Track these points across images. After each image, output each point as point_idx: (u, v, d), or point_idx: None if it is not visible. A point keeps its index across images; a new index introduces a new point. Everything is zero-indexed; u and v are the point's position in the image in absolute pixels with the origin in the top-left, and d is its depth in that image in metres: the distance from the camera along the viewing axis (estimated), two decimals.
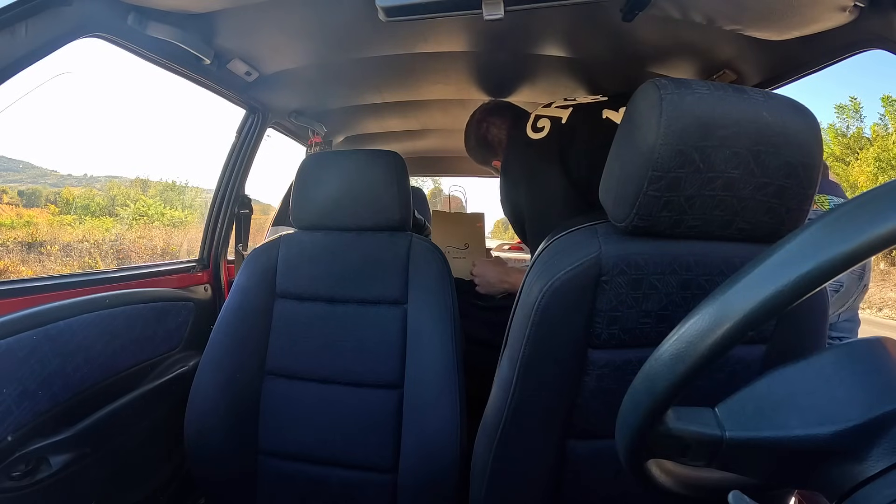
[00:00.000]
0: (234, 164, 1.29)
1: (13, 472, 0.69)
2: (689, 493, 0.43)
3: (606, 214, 0.60)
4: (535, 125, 1.00)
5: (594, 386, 0.59)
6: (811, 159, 0.53)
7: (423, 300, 0.88)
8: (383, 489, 0.86)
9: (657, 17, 0.86)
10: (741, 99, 0.51)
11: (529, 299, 0.58)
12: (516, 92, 1.38)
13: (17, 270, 7.32)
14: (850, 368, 0.32)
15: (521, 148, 1.00)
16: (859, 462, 0.30)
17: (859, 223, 0.25)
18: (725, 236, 0.56)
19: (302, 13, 0.92)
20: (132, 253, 9.03)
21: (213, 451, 0.87)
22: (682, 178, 0.51)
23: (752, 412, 0.34)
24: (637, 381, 0.34)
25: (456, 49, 1.10)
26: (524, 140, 0.99)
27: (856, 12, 0.71)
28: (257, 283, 0.93)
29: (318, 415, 0.89)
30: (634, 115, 0.55)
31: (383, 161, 0.93)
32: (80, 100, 16.32)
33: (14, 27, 0.63)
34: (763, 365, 0.60)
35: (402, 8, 0.65)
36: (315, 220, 0.95)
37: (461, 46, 1.09)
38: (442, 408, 0.83)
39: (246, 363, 0.90)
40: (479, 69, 1.24)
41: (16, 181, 10.66)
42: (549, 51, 1.10)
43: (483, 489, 0.66)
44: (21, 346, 0.70)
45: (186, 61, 0.97)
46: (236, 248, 1.36)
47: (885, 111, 11.19)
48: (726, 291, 0.29)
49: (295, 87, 1.29)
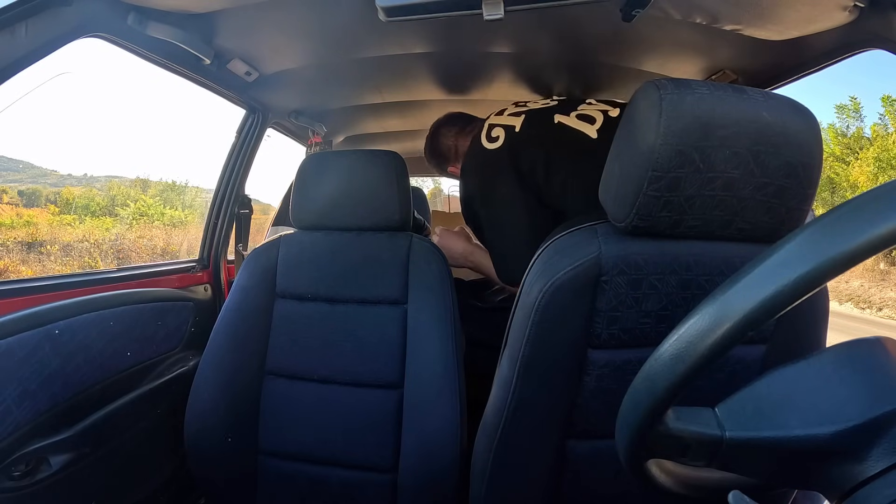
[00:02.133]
0: (234, 164, 1.29)
1: (13, 472, 0.69)
2: (689, 493, 0.43)
3: (605, 214, 0.60)
4: (490, 135, 1.01)
5: (594, 386, 0.59)
6: (811, 159, 0.53)
7: (423, 300, 0.88)
8: (383, 489, 0.86)
9: (657, 17, 0.86)
10: (741, 99, 0.51)
11: (529, 299, 0.58)
12: (516, 92, 1.38)
13: (17, 270, 7.32)
14: (850, 368, 0.32)
15: (478, 158, 1.02)
16: (859, 462, 0.30)
17: (859, 223, 0.25)
18: (725, 236, 0.56)
19: (302, 13, 0.92)
20: (132, 253, 9.03)
21: (213, 451, 0.87)
22: (682, 178, 0.51)
23: (752, 412, 0.34)
24: (637, 381, 0.34)
25: (456, 49, 1.10)
26: (480, 150, 1.01)
27: (856, 12, 0.71)
28: (257, 283, 0.93)
29: (318, 415, 0.89)
30: (634, 115, 0.55)
31: (383, 161, 0.93)
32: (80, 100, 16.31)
33: (14, 27, 0.63)
34: (763, 365, 0.60)
35: (402, 8, 0.65)
36: (315, 220, 0.95)
37: (461, 46, 1.09)
38: (442, 407, 0.83)
39: (246, 363, 0.90)
40: (480, 69, 1.24)
41: (16, 181, 10.65)
42: (548, 51, 1.11)
43: (483, 489, 0.66)
44: (21, 346, 0.70)
45: (186, 61, 0.97)
46: (236, 248, 1.36)
47: (885, 111, 11.19)
48: (726, 291, 0.29)
49: (295, 87, 1.29)
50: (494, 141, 0.99)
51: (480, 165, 1.01)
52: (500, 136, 0.99)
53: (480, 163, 1.01)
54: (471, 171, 1.04)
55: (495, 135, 1.00)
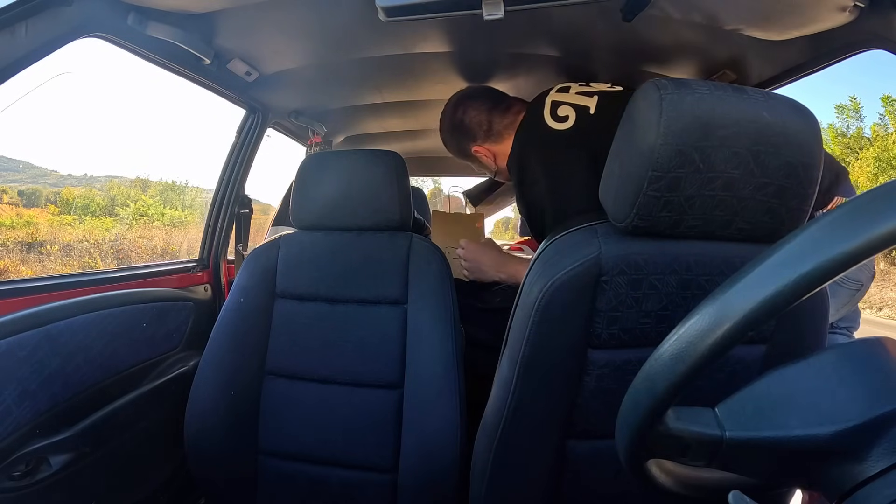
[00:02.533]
0: (234, 164, 1.29)
1: (13, 472, 0.69)
2: (689, 493, 0.43)
3: (606, 214, 0.60)
4: (556, 113, 0.91)
5: (594, 386, 0.59)
6: (811, 159, 0.53)
7: (423, 300, 0.88)
8: (383, 489, 0.86)
9: (657, 17, 0.86)
10: (741, 99, 0.51)
11: (529, 299, 0.58)
12: (515, 92, 1.38)
13: (17, 270, 7.32)
14: (850, 368, 0.32)
15: (541, 139, 0.91)
16: (859, 462, 0.30)
17: (859, 223, 0.25)
18: (725, 236, 0.56)
19: (302, 13, 0.92)
20: (132, 253, 9.03)
21: (213, 451, 0.87)
22: (682, 178, 0.51)
23: (752, 412, 0.34)
24: (637, 381, 0.34)
25: (456, 49, 1.10)
26: (544, 130, 0.91)
27: (856, 12, 0.71)
28: (257, 283, 0.93)
29: (318, 415, 0.89)
30: (634, 115, 0.55)
31: (383, 161, 0.93)
32: (80, 100, 16.32)
33: (14, 27, 0.63)
34: (763, 365, 0.60)
35: (402, 8, 0.65)
36: (315, 220, 0.95)
37: (461, 46, 1.09)
38: (442, 408, 0.83)
39: (246, 363, 0.90)
40: (479, 69, 1.23)
41: (16, 181, 10.65)
42: (548, 51, 1.10)
43: (483, 489, 0.66)
44: (21, 346, 0.70)
45: (186, 61, 0.97)
46: (236, 248, 1.36)
47: (885, 111, 11.19)
48: (726, 291, 0.29)
49: (295, 87, 1.29)
50: (563, 121, 0.90)
51: (546, 146, 0.91)
52: (570, 116, 0.90)
53: (545, 143, 0.91)
54: (531, 154, 0.94)
55: (563, 114, 0.91)
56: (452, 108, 1.13)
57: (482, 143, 1.09)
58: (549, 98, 0.94)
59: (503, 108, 1.07)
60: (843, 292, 0.88)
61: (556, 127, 0.90)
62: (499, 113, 1.07)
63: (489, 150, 1.09)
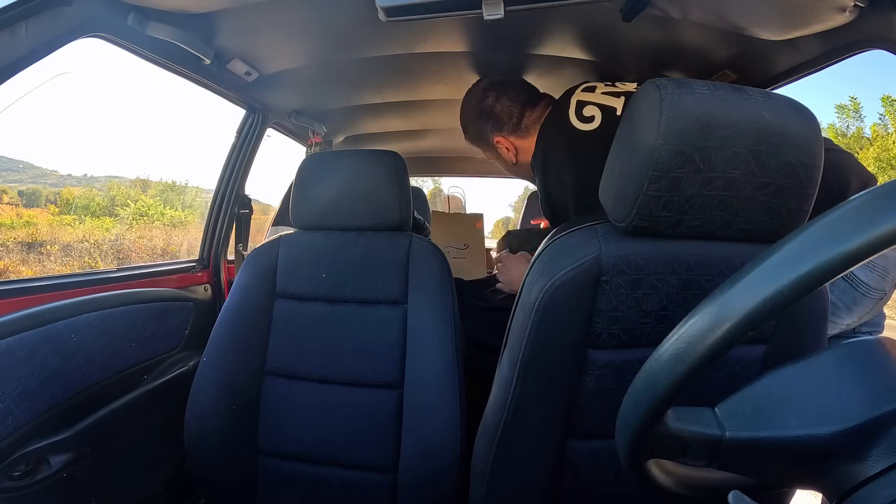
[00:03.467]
0: (234, 165, 1.29)
1: (13, 472, 0.69)
2: (689, 493, 0.43)
3: (606, 214, 0.60)
4: (582, 113, 0.89)
5: (594, 386, 0.59)
6: (811, 159, 0.53)
7: (423, 300, 0.88)
8: (383, 489, 0.86)
9: (657, 17, 0.86)
10: (741, 99, 0.51)
11: (529, 299, 0.58)
12: None
13: (17, 270, 7.32)
14: (850, 368, 0.32)
15: (566, 139, 0.90)
16: (859, 462, 0.30)
17: (859, 223, 0.25)
18: (725, 236, 0.56)
19: (302, 13, 0.92)
20: (132, 253, 9.03)
21: (213, 451, 0.87)
22: (683, 178, 0.51)
23: (751, 412, 0.34)
24: (637, 381, 0.34)
25: (456, 49, 1.10)
26: (569, 130, 0.89)
27: (856, 12, 0.71)
28: (257, 283, 0.93)
29: (318, 415, 0.89)
30: (634, 115, 0.55)
31: (383, 161, 0.93)
32: (80, 100, 16.33)
33: (14, 27, 0.63)
34: (763, 365, 0.60)
35: (402, 8, 0.65)
36: (315, 220, 0.95)
37: (461, 46, 1.09)
38: (442, 408, 0.83)
39: (246, 363, 0.90)
40: (479, 69, 1.23)
41: (16, 181, 10.65)
42: (548, 51, 1.10)
43: (483, 489, 0.66)
44: (21, 346, 0.70)
45: (186, 61, 0.97)
46: (236, 248, 1.36)
47: (885, 111, 11.20)
48: (726, 291, 0.29)
49: (295, 87, 1.29)
50: (589, 122, 0.89)
51: (571, 147, 0.90)
52: (596, 117, 0.89)
53: (570, 144, 0.90)
54: (555, 153, 0.92)
55: (589, 114, 0.89)
56: (483, 93, 1.07)
57: (508, 135, 1.05)
58: (575, 97, 0.92)
59: (534, 102, 1.04)
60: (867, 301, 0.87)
61: (581, 127, 0.89)
62: (530, 107, 1.03)
63: (512, 143, 1.05)
